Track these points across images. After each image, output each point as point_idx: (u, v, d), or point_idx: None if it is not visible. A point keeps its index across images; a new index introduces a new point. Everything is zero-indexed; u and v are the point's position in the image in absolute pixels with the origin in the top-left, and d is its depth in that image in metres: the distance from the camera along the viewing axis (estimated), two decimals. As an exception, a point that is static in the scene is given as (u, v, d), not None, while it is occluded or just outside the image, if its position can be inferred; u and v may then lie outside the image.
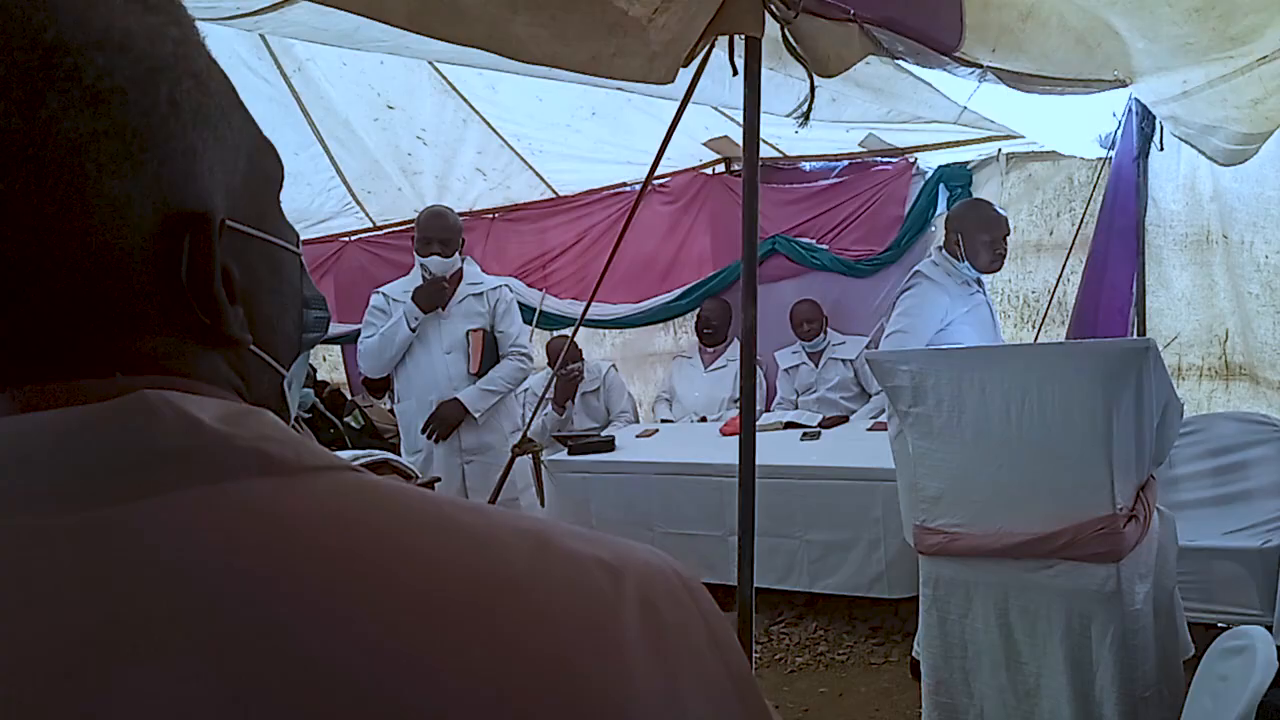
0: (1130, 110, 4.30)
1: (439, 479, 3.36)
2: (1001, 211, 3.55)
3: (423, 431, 3.70)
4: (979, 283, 3.57)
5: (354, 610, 0.39)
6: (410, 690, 0.38)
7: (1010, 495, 2.55)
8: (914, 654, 3.41)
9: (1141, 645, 2.45)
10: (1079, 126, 4.45)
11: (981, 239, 3.42)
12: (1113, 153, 4.48)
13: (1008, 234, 3.50)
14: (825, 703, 3.54)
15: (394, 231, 6.25)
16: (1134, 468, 2.53)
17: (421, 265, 3.72)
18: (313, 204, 5.97)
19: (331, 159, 5.41)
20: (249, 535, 0.40)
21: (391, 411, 4.54)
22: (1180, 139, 3.86)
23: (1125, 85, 3.28)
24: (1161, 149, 4.32)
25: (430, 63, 4.49)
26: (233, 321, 0.49)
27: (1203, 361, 4.60)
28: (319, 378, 5.85)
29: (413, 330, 3.70)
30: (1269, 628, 2.81)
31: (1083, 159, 4.78)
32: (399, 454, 3.72)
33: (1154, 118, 4.25)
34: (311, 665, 0.37)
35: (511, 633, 0.41)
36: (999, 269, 3.57)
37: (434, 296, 3.70)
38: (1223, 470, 3.77)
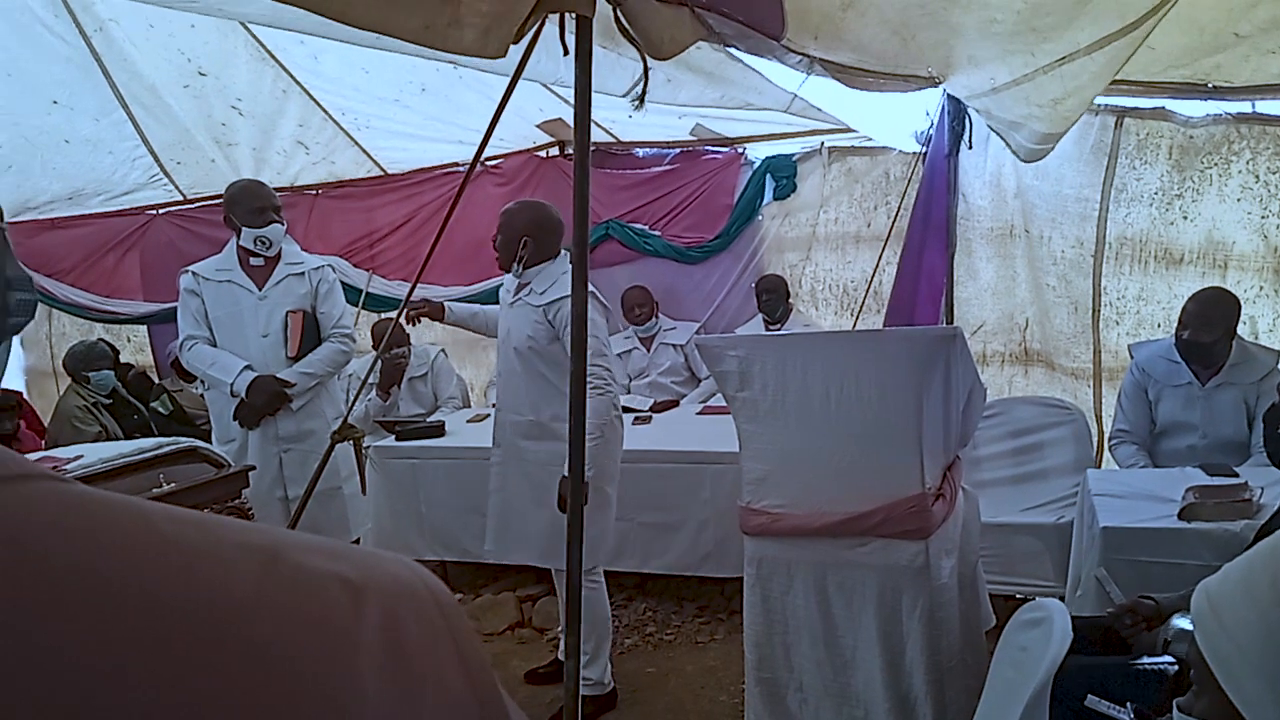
0: (943, 109, 4.52)
1: (254, 467, 3.18)
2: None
3: (234, 418, 3.50)
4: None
5: (47, 639, 0.33)
6: None
7: (829, 476, 2.64)
8: None
9: (947, 617, 2.59)
10: (897, 123, 4.64)
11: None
12: (926, 149, 4.70)
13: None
14: (652, 682, 3.58)
15: (206, 206, 5.90)
16: (941, 449, 2.66)
17: (260, 237, 3.49)
18: (115, 174, 5.57)
19: (137, 127, 5.07)
20: None
21: (203, 396, 4.29)
22: (993, 130, 4.07)
23: (938, 83, 3.44)
24: (970, 147, 4.56)
25: (247, 28, 4.26)
26: None
27: (1004, 348, 4.91)
28: (122, 359, 5.46)
29: (234, 396, 3.50)
30: (1063, 598, 3.02)
31: (899, 154, 5.00)
32: (210, 441, 3.51)
33: (964, 117, 4.48)
34: None
35: (231, 667, 0.36)
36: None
37: (273, 401, 3.51)
38: (1021, 451, 4.03)
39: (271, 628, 0.38)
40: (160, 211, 6.13)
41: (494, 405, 5.18)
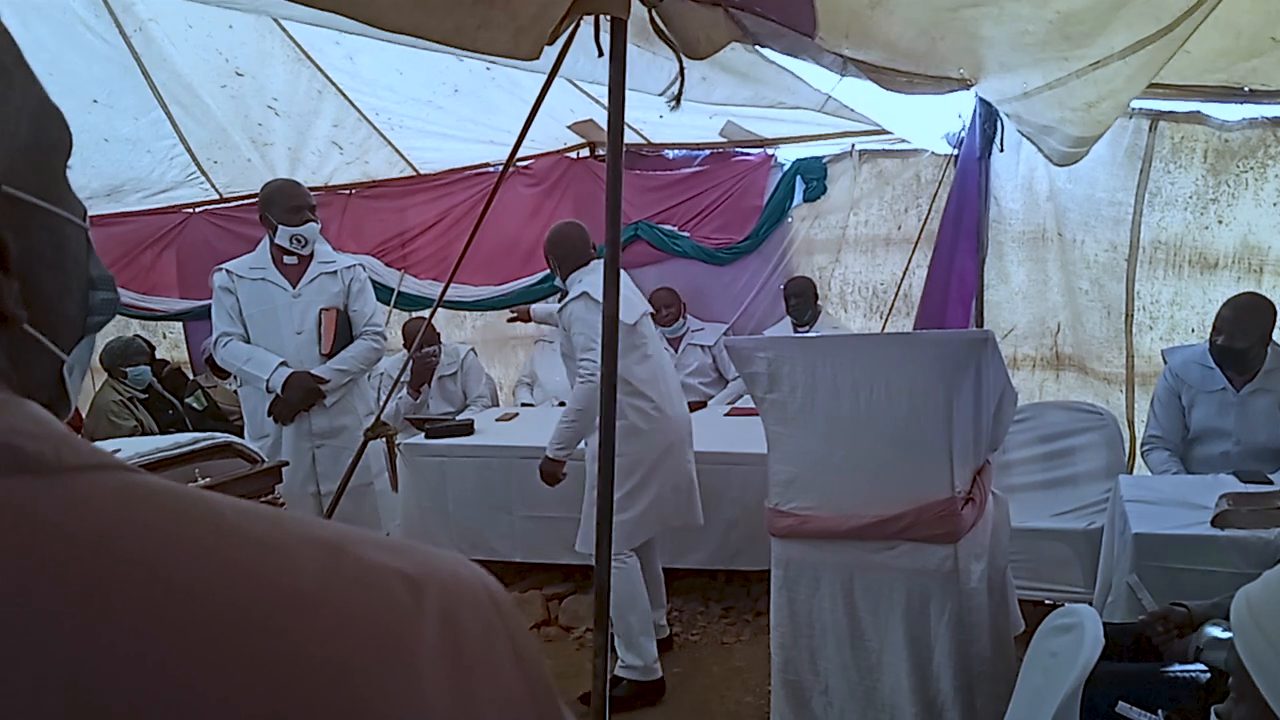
0: (975, 112, 4.49)
1: (286, 463, 3.22)
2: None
3: (270, 413, 3.54)
4: None
5: (111, 631, 0.35)
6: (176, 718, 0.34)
7: (857, 479, 2.63)
8: None
9: (976, 622, 2.58)
10: (929, 125, 4.63)
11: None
12: (959, 151, 4.67)
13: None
14: (678, 683, 3.58)
15: (242, 205, 5.97)
16: (972, 453, 2.65)
17: (296, 235, 3.53)
18: (153, 172, 5.64)
19: (175, 125, 5.13)
20: None
21: (236, 393, 4.34)
22: (1023, 135, 4.05)
23: (970, 86, 3.42)
24: (1003, 150, 4.54)
25: (283, 29, 4.31)
26: (5, 295, 0.45)
27: (1036, 352, 4.87)
28: (158, 356, 5.54)
29: (269, 391, 3.54)
30: (1093, 604, 3.00)
31: (931, 155, 4.98)
32: (243, 437, 3.56)
33: (996, 120, 4.46)
34: (58, 695, 0.33)
35: (295, 653, 0.37)
36: None
37: (308, 397, 3.56)
38: (1052, 456, 4.00)
39: (335, 623, 0.39)
40: (197, 210, 6.21)
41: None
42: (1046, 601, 3.52)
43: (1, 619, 0.34)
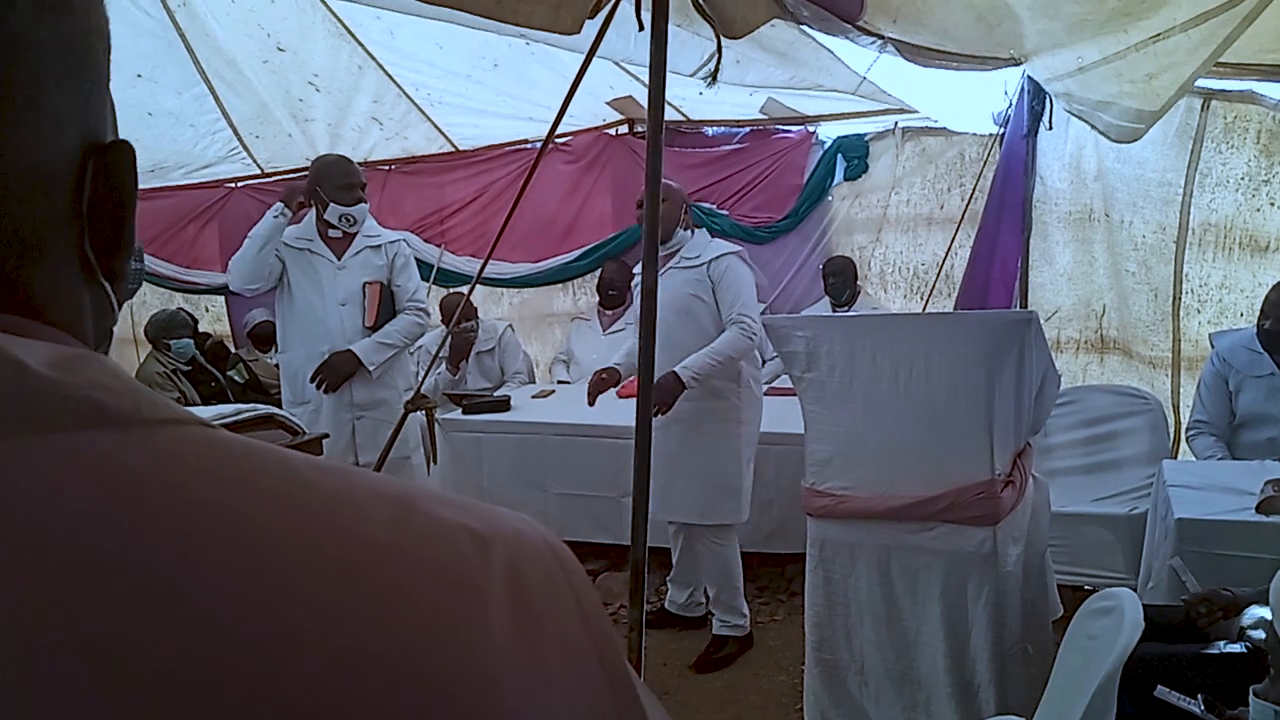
0: (1022, 89, 4.42)
1: (326, 435, 3.26)
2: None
3: (311, 380, 3.57)
4: None
5: (186, 582, 0.35)
6: (247, 671, 0.34)
7: (896, 460, 2.62)
8: None
9: (1013, 605, 2.56)
10: (971, 103, 4.57)
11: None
12: (1004, 130, 4.60)
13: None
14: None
15: (283, 180, 6.02)
16: (1012, 435, 2.62)
17: (345, 215, 3.58)
18: (196, 147, 5.70)
19: (218, 101, 5.17)
20: (74, 494, 0.36)
21: (276, 365, 4.39)
22: (1074, 115, 3.97)
23: (1019, 64, 3.36)
24: (1050, 128, 4.46)
25: (325, 3, 4.32)
26: (125, 258, 0.47)
27: (1080, 335, 4.80)
28: (200, 329, 5.62)
29: (276, 218, 3.55)
30: (1134, 589, 2.97)
31: (975, 135, 4.91)
32: (282, 408, 3.60)
33: (1044, 96, 4.38)
34: (129, 639, 0.33)
35: (366, 605, 0.38)
36: None
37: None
38: (1095, 440, 3.95)
39: (409, 573, 0.39)
40: (239, 185, 6.27)
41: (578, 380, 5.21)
42: (1086, 587, 3.48)
43: (91, 561, 0.34)
